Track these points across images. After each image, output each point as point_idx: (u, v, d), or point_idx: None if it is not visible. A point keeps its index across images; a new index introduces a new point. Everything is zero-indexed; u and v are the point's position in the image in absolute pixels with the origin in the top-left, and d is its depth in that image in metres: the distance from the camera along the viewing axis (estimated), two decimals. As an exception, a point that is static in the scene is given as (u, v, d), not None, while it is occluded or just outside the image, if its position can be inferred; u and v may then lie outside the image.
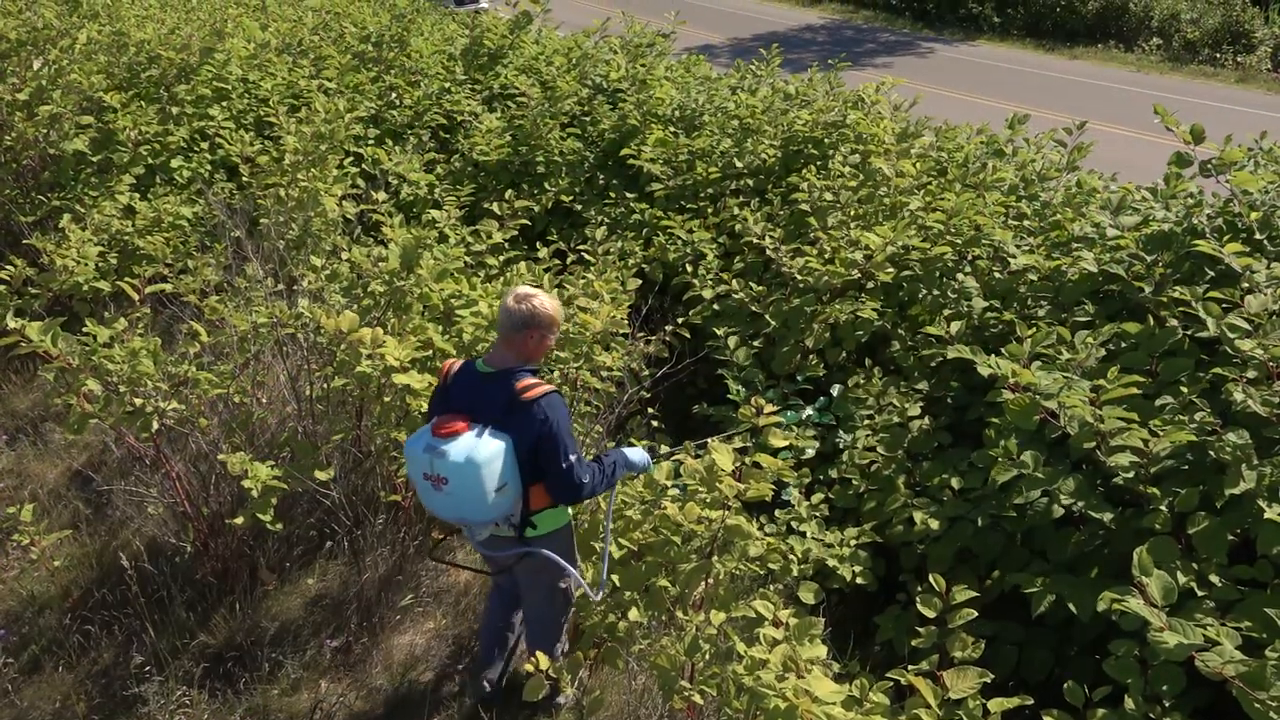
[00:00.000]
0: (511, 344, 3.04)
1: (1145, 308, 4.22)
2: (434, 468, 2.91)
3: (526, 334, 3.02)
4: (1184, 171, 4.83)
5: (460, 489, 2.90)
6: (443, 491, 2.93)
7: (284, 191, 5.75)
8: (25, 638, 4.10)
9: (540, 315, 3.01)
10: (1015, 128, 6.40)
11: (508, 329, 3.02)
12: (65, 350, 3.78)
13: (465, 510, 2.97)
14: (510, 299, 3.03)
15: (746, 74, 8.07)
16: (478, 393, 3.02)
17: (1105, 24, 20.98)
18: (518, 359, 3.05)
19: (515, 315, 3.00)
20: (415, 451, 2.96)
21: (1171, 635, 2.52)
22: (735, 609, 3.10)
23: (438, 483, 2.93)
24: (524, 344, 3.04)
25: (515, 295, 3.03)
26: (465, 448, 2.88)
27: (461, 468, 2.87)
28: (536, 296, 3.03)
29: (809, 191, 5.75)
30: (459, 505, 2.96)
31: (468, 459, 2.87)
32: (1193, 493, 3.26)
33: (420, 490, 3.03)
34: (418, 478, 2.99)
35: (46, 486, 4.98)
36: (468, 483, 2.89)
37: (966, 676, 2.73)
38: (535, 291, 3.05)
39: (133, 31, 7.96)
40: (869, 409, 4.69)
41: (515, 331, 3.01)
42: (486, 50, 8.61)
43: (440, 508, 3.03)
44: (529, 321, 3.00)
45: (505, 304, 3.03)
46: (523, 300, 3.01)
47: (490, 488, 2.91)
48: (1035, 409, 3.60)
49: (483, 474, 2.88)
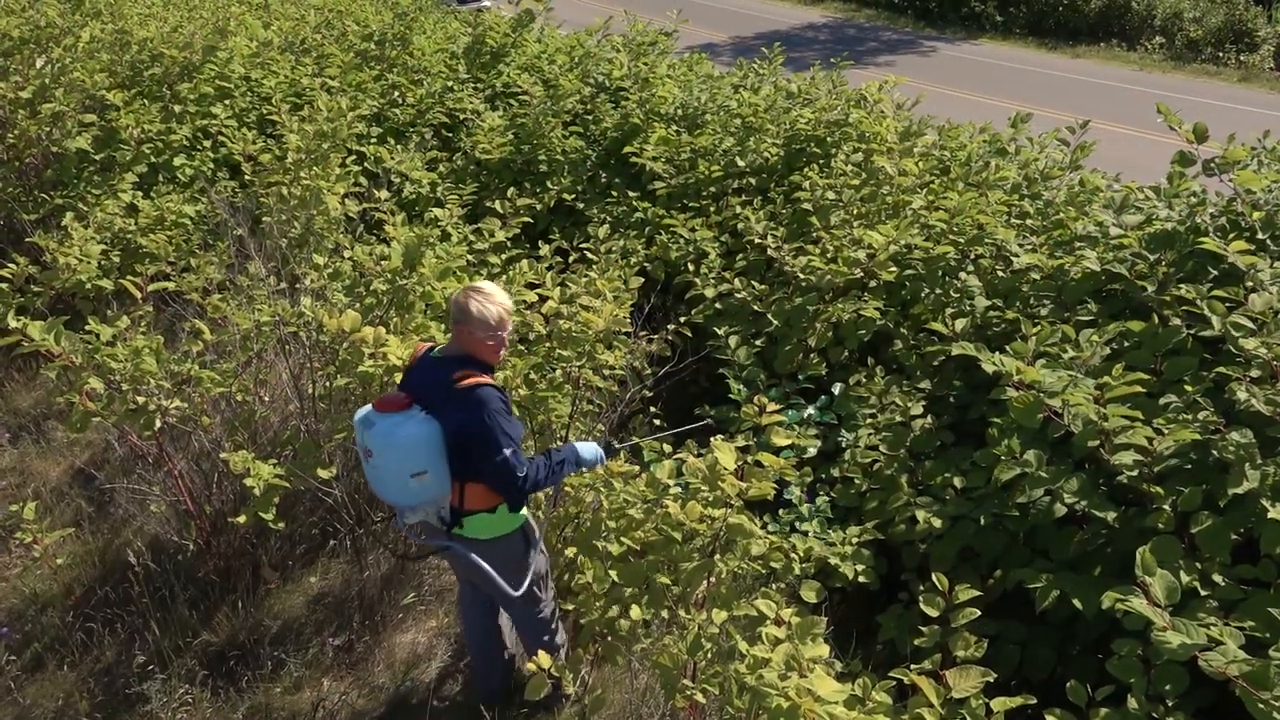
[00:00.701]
0: (456, 336, 3.07)
1: (1148, 307, 4.21)
2: (363, 439, 2.98)
3: (459, 329, 3.03)
4: (1187, 170, 4.82)
5: (382, 465, 2.97)
6: (370, 464, 3.01)
7: (286, 190, 5.75)
8: (28, 635, 4.11)
9: (468, 312, 2.99)
10: (1018, 126, 6.39)
11: (462, 318, 3.05)
12: (68, 349, 3.78)
13: (386, 489, 3.04)
14: (464, 294, 3.04)
15: (749, 73, 8.06)
16: (427, 378, 3.07)
17: (1108, 23, 20.94)
18: (462, 351, 3.07)
19: (452, 308, 3.07)
20: (357, 422, 3.04)
21: (1174, 635, 2.52)
22: (737, 608, 3.10)
23: (366, 455, 3.00)
24: (462, 338, 3.05)
25: (472, 291, 3.04)
26: (392, 424, 2.94)
27: (382, 444, 2.94)
28: (477, 295, 3.02)
29: (811, 190, 5.74)
30: (382, 482, 3.03)
31: (388, 436, 2.92)
32: (1196, 492, 3.25)
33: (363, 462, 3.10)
34: (357, 446, 3.08)
35: (49, 484, 4.99)
36: (385, 461, 2.96)
37: (969, 676, 2.72)
38: (482, 288, 3.06)
39: (135, 30, 7.97)
40: (871, 408, 4.68)
41: (455, 324, 3.06)
42: (489, 49, 8.61)
43: (371, 481, 3.10)
44: (459, 316, 3.02)
45: (460, 298, 3.05)
46: (469, 294, 3.03)
47: (406, 469, 2.93)
48: (1039, 407, 3.59)
49: (399, 454, 2.93)
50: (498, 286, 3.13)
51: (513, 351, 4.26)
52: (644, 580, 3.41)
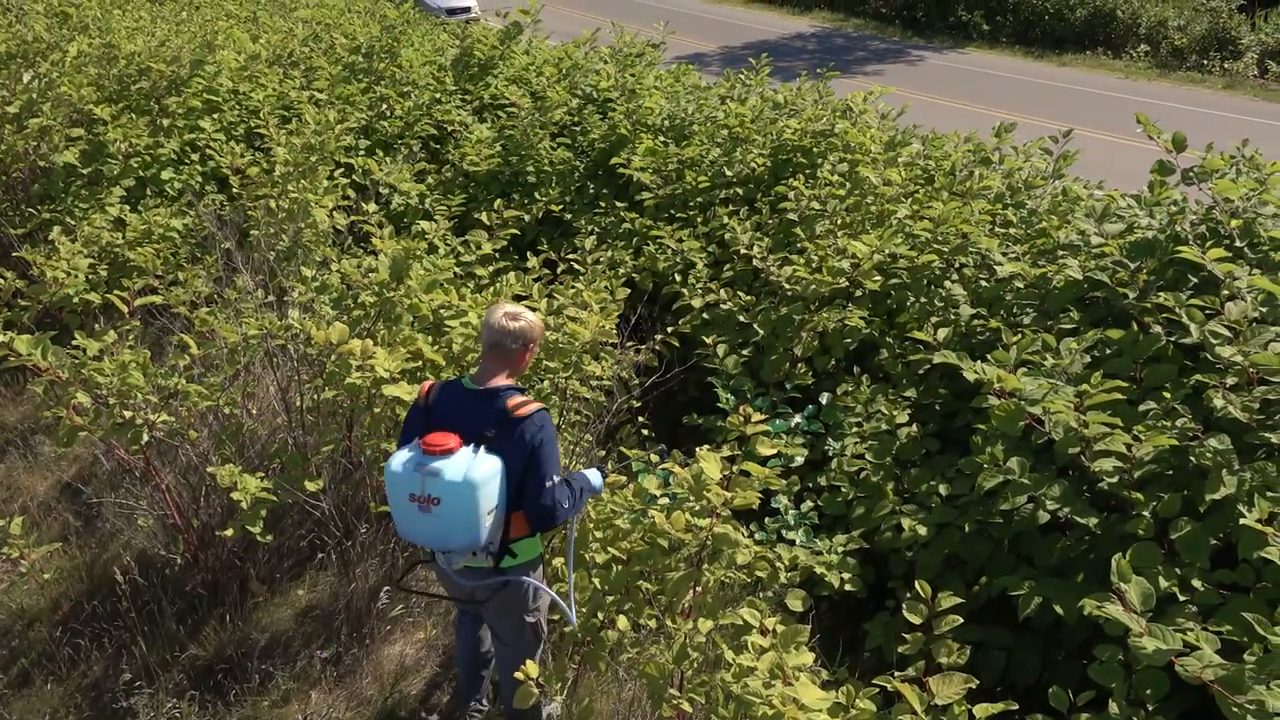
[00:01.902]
0: (505, 361, 3.01)
1: (1129, 314, 4.25)
2: (425, 488, 2.77)
3: (523, 350, 3.02)
4: (1167, 179, 4.87)
5: (452, 511, 2.78)
6: (431, 514, 2.79)
7: (274, 203, 5.77)
8: (15, 651, 4.10)
9: (535, 330, 3.04)
10: (1002, 136, 6.45)
11: (502, 346, 2.98)
12: (55, 363, 3.78)
13: (454, 534, 2.83)
14: (501, 318, 2.99)
15: (736, 83, 8.11)
16: (464, 412, 2.94)
17: (1093, 31, 21.11)
18: (509, 376, 3.03)
19: (511, 332, 2.98)
20: (402, 471, 2.81)
21: (1150, 641, 2.55)
22: (723, 617, 3.12)
23: (426, 504, 2.79)
24: (519, 360, 3.04)
25: (506, 313, 3.00)
26: (462, 466, 2.77)
27: (458, 487, 2.75)
28: (525, 313, 3.03)
29: (796, 200, 5.79)
30: (448, 529, 2.82)
31: (465, 478, 2.75)
32: (1175, 498, 3.29)
33: (401, 515, 2.88)
34: (401, 500, 2.84)
35: (36, 499, 4.98)
36: (462, 504, 2.77)
37: (952, 682, 2.74)
38: (522, 308, 3.05)
39: (123, 44, 7.98)
40: (857, 416, 4.71)
41: (511, 347, 2.99)
42: (477, 61, 8.65)
43: (424, 533, 2.88)
44: (526, 336, 3.00)
45: (497, 323, 2.98)
46: (516, 317, 3.00)
47: (484, 510, 2.80)
48: (1020, 415, 3.63)
49: (479, 495, 2.78)
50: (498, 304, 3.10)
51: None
52: (625, 587, 3.43)
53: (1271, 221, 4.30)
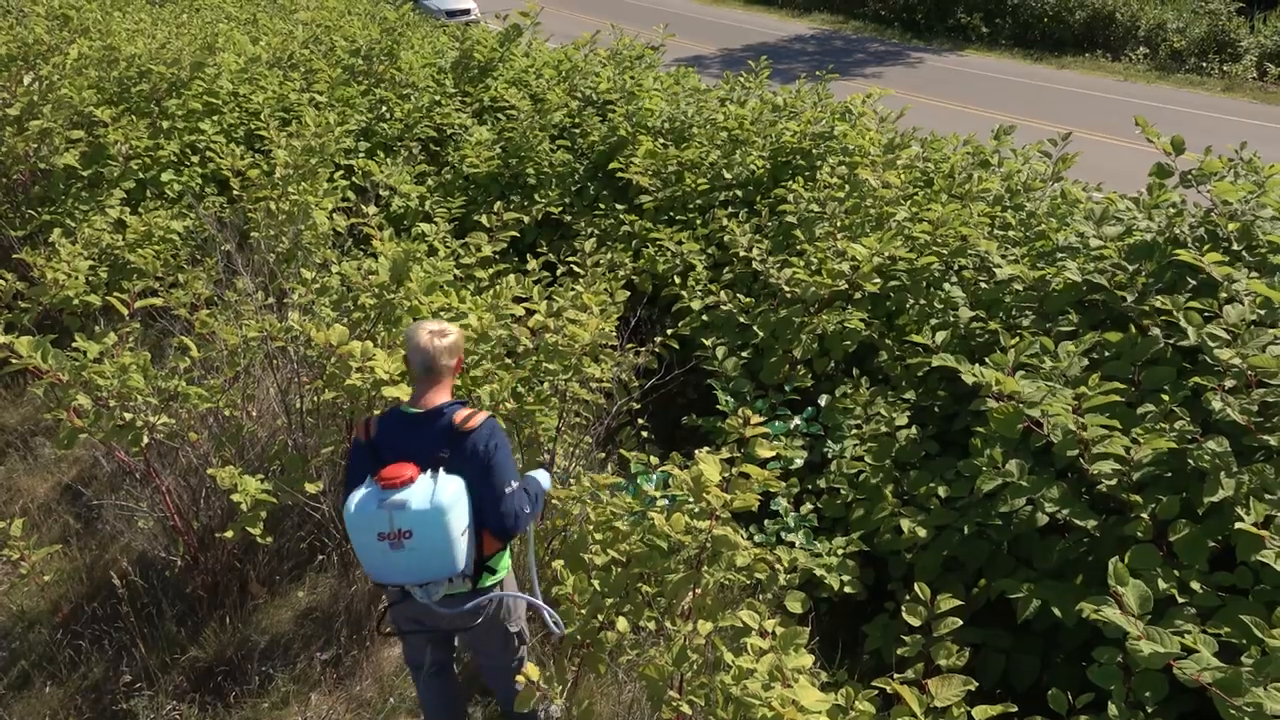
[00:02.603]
0: (440, 378, 2.92)
1: (1128, 317, 4.26)
2: (394, 522, 2.68)
3: (455, 364, 2.94)
4: (1166, 182, 4.88)
5: (426, 541, 2.71)
6: (404, 549, 2.70)
7: (274, 205, 5.77)
8: (15, 653, 4.11)
9: (460, 339, 2.97)
10: (1001, 138, 6.46)
11: (436, 366, 2.89)
12: (55, 366, 3.79)
13: (431, 564, 2.76)
14: (428, 337, 2.88)
15: (735, 86, 8.13)
16: (411, 439, 2.85)
17: (1092, 34, 21.12)
18: (447, 392, 2.95)
19: (443, 349, 2.89)
20: (366, 511, 2.70)
21: (1148, 644, 2.55)
22: (723, 619, 3.12)
23: (398, 540, 2.69)
24: (440, 376, 2.92)
25: (431, 332, 2.90)
26: (426, 492, 2.71)
27: (428, 515, 2.68)
28: (447, 325, 2.95)
29: (795, 203, 5.80)
30: (424, 560, 2.74)
31: (433, 504, 2.69)
32: (1174, 500, 3.30)
33: (371, 557, 2.77)
34: (369, 542, 2.72)
35: (36, 501, 4.99)
36: (434, 531, 2.71)
37: (951, 684, 2.75)
38: (443, 323, 2.98)
39: (123, 46, 7.99)
40: (857, 419, 4.72)
41: (444, 364, 2.90)
42: (477, 63, 8.66)
43: (399, 569, 2.77)
44: (456, 349, 2.93)
45: (427, 344, 2.88)
46: (443, 334, 2.91)
47: (458, 532, 2.75)
48: (1019, 418, 3.64)
49: (450, 518, 2.71)
50: (418, 324, 2.99)
51: (500, 365, 4.28)
52: (625, 589, 3.43)
53: (1270, 224, 4.31)
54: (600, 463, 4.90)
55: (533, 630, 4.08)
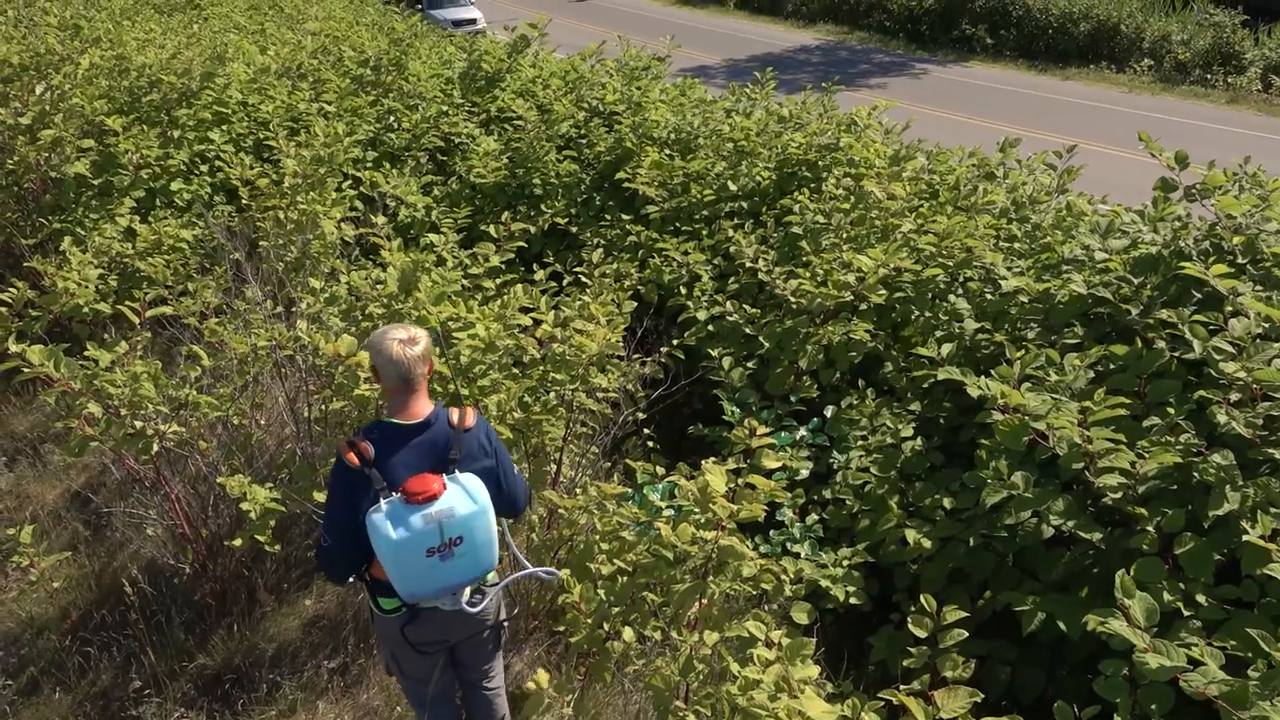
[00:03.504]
0: (419, 386, 2.83)
1: (1133, 330, 4.28)
2: (445, 532, 2.66)
3: (428, 369, 2.85)
4: (1170, 195, 4.90)
5: (475, 543, 2.73)
6: (454, 556, 2.70)
7: (283, 214, 5.81)
8: (24, 659, 4.13)
9: (429, 343, 2.87)
10: (1006, 151, 6.49)
11: (412, 374, 2.78)
12: (67, 374, 3.82)
13: (480, 563, 2.78)
14: (400, 348, 2.76)
15: (741, 97, 8.17)
16: (414, 451, 2.78)
17: (1097, 45, 21.18)
18: (421, 401, 2.84)
19: (417, 358, 2.78)
20: (414, 530, 2.63)
21: (1154, 657, 2.56)
22: (729, 629, 3.13)
23: (449, 550, 2.69)
24: (418, 385, 2.82)
25: (401, 341, 2.78)
26: (465, 495, 2.71)
27: (476, 516, 2.71)
28: (413, 329, 2.85)
29: (801, 214, 5.82)
30: (474, 562, 2.77)
31: (479, 504, 2.72)
32: (1179, 513, 3.31)
33: (417, 575, 2.70)
34: (415, 562, 2.67)
35: (46, 508, 5.01)
36: (482, 531, 2.74)
37: (957, 696, 2.76)
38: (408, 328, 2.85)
39: (134, 56, 8.05)
40: (862, 430, 4.73)
41: (421, 372, 2.81)
42: (484, 74, 8.71)
43: (449, 579, 2.75)
44: (428, 353, 2.84)
45: (401, 355, 2.75)
46: (414, 341, 2.80)
47: (496, 528, 2.81)
48: (1024, 430, 3.65)
49: (490, 514, 2.76)
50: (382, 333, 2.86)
51: (507, 375, 4.31)
52: (631, 599, 3.45)
53: (1274, 238, 4.33)
54: (606, 472, 4.92)
55: (538, 636, 4.10)
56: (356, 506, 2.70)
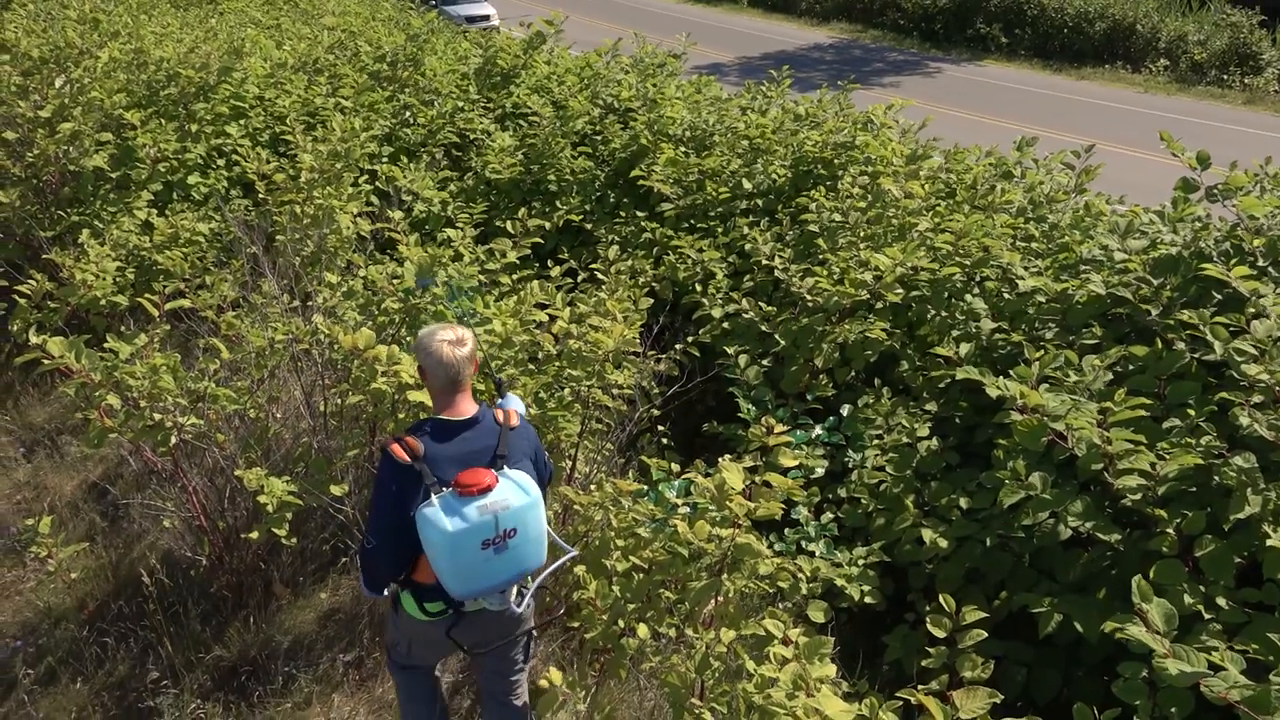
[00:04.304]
0: (466, 385, 2.87)
1: (1152, 331, 4.26)
2: (500, 524, 2.70)
3: (474, 369, 2.89)
4: (1191, 196, 4.87)
5: (528, 535, 2.77)
6: (508, 549, 2.74)
7: (300, 208, 5.83)
8: (42, 649, 4.15)
9: (475, 344, 2.91)
10: (1024, 150, 6.46)
11: (461, 375, 2.83)
12: (87, 366, 3.84)
13: (533, 556, 2.82)
14: (449, 348, 2.80)
15: (757, 95, 8.15)
16: (465, 445, 2.82)
17: (1113, 45, 21.08)
18: (471, 397, 2.90)
19: (466, 358, 2.83)
20: (469, 521, 2.66)
21: (1174, 663, 2.55)
22: (746, 627, 3.13)
23: (503, 542, 2.72)
24: (467, 381, 2.87)
25: (449, 342, 2.81)
26: (517, 486, 2.76)
27: (530, 506, 2.76)
28: (460, 330, 2.88)
29: (818, 212, 5.81)
30: (526, 554, 2.80)
31: (531, 495, 2.77)
32: (1200, 516, 3.29)
33: (471, 570, 2.72)
34: (470, 555, 2.69)
35: (64, 499, 5.04)
36: (535, 521, 2.79)
37: (976, 696, 2.75)
38: (453, 328, 2.88)
39: (152, 50, 8.08)
40: (878, 429, 4.72)
41: (469, 372, 2.86)
42: (500, 70, 8.71)
43: (502, 573, 2.78)
44: (474, 355, 2.88)
45: (450, 356, 2.79)
46: (461, 342, 2.84)
47: (545, 519, 2.86)
48: (1043, 431, 3.63)
49: (542, 506, 2.82)
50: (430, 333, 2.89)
51: (523, 371, 4.31)
52: (647, 595, 3.45)
53: (1296, 240, 4.29)
54: (621, 469, 4.92)
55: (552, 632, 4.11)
56: (404, 506, 2.71)
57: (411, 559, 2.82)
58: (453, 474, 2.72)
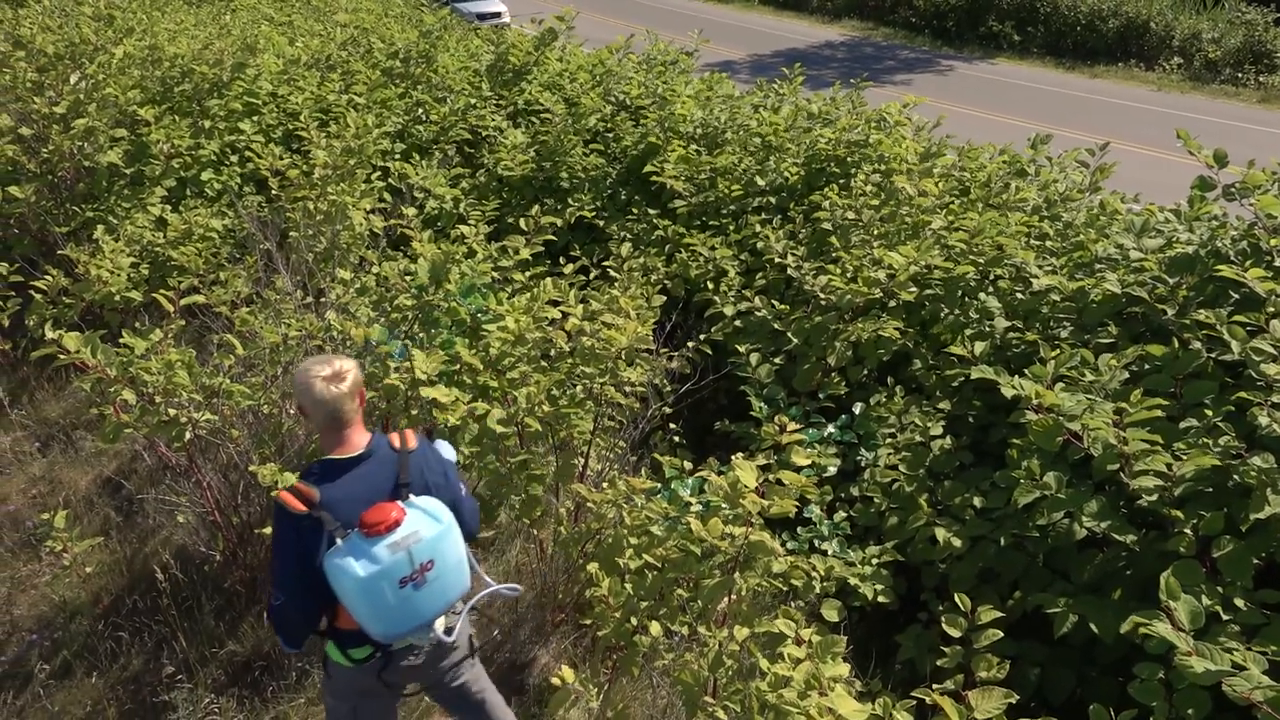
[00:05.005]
0: (351, 421, 2.65)
1: (1168, 330, 4.23)
2: (415, 558, 2.52)
3: (360, 403, 2.67)
4: (1207, 194, 4.84)
5: (446, 563, 2.61)
6: (428, 583, 2.57)
7: (313, 205, 5.84)
8: (57, 643, 4.18)
9: (359, 376, 2.68)
10: (1038, 148, 6.43)
11: (341, 412, 2.60)
12: (103, 361, 3.85)
13: (456, 585, 2.66)
14: (325, 385, 2.57)
15: (770, 93, 8.13)
16: (362, 483, 2.61)
17: (1126, 43, 20.94)
18: (363, 426, 2.70)
19: (346, 394, 2.60)
20: (381, 563, 2.47)
21: (1199, 661, 2.53)
22: (760, 625, 3.12)
23: (421, 576, 2.55)
24: (354, 412, 2.65)
25: (325, 379, 2.58)
26: (425, 514, 2.58)
27: (442, 536, 2.59)
28: (341, 361, 2.65)
29: (831, 210, 5.79)
30: (449, 584, 2.64)
31: (442, 521, 2.60)
32: (1218, 516, 3.27)
33: (391, 613, 2.54)
34: (387, 597, 2.51)
35: (78, 493, 5.07)
36: (452, 548, 2.62)
37: (992, 697, 2.74)
38: (333, 361, 2.63)
39: (166, 47, 8.11)
40: (890, 427, 4.71)
41: (353, 406, 2.63)
42: (512, 67, 8.71)
43: (426, 609, 2.60)
44: (358, 386, 2.65)
45: (328, 393, 2.56)
46: (340, 377, 2.60)
47: (463, 543, 2.68)
48: (1059, 430, 3.61)
49: (455, 530, 2.64)
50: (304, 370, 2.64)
51: (535, 368, 4.31)
52: (659, 593, 3.44)
53: (1315, 239, 4.26)
54: (633, 467, 4.92)
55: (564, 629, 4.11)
56: (308, 556, 2.53)
57: (329, 607, 2.65)
58: (356, 514, 2.52)
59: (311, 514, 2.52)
